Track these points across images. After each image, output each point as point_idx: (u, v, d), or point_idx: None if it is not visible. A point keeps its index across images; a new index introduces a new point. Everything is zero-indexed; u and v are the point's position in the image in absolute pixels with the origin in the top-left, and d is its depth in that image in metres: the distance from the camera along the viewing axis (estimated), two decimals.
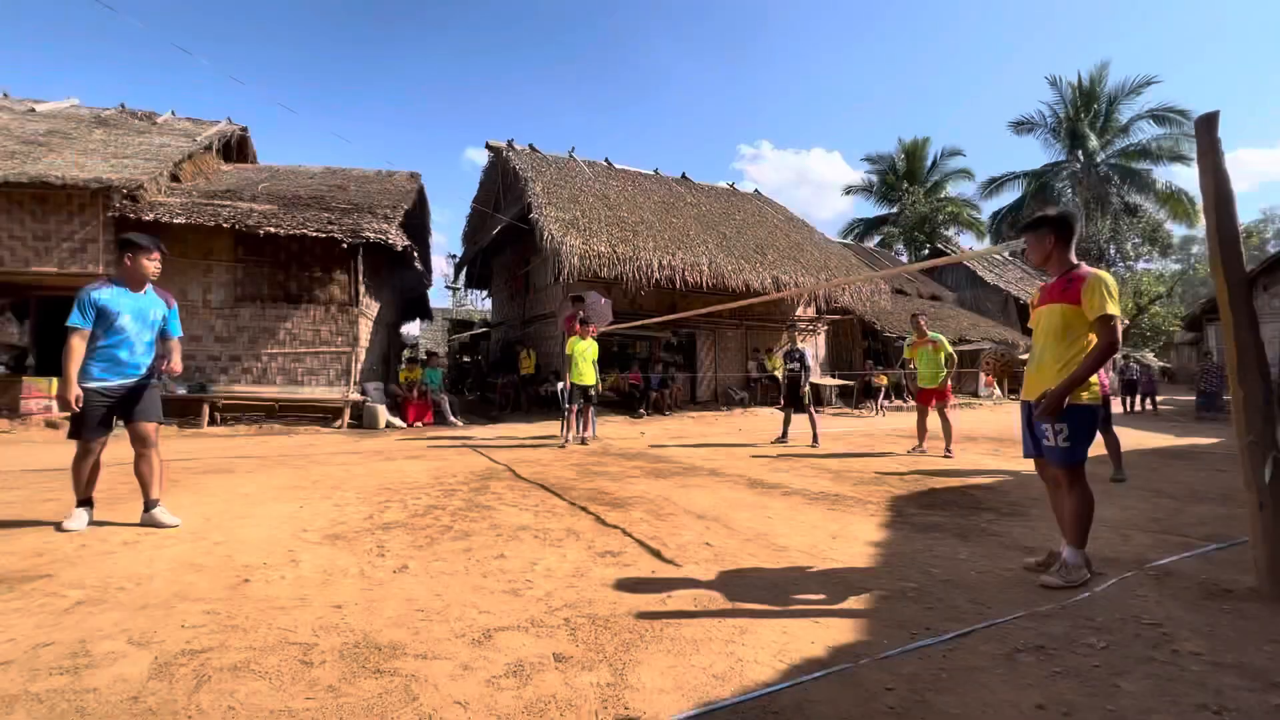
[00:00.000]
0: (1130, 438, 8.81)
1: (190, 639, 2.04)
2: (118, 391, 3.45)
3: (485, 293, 23.18)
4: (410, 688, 1.74)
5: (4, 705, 1.62)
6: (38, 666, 1.84)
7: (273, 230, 9.92)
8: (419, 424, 10.37)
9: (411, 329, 27.57)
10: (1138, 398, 14.80)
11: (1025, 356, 20.58)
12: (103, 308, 3.37)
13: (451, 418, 10.65)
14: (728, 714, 1.63)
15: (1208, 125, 2.60)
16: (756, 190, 19.22)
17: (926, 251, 30.45)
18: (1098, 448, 5.85)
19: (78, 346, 3.30)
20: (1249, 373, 2.51)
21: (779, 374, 15.05)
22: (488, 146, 15.32)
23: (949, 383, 7.11)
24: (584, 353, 7.86)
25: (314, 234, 10.13)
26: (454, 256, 30.62)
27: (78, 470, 3.43)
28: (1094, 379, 2.55)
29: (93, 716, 1.58)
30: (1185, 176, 28.16)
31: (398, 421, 10.27)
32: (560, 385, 9.19)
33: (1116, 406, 13.32)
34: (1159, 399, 15.07)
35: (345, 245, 10.43)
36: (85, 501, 3.49)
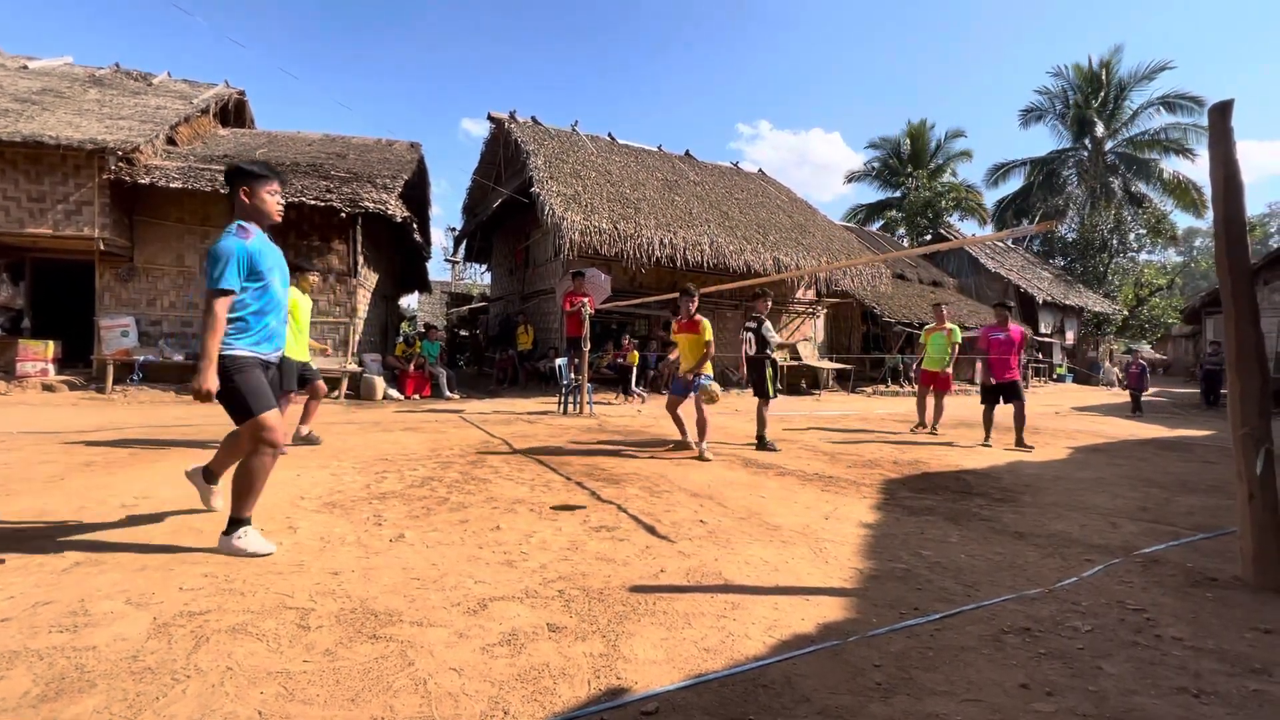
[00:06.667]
0: (1123, 428, 8.87)
1: (188, 601, 2.06)
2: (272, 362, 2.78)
3: (484, 267, 22.98)
4: (406, 653, 1.77)
5: (5, 661, 1.64)
6: (37, 624, 1.86)
7: None
8: (416, 396, 10.38)
9: (410, 301, 27.48)
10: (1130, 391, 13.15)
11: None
12: (254, 262, 2.60)
13: (449, 391, 10.65)
14: (718, 686, 1.66)
15: (1222, 113, 2.57)
16: (760, 170, 18.99)
17: (929, 237, 30.23)
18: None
19: (223, 315, 2.47)
20: (1247, 365, 2.52)
21: (777, 357, 15.10)
22: (490, 117, 15.05)
23: (949, 370, 7.57)
24: (302, 312, 5.13)
25: (312, 202, 10.01)
26: (453, 229, 30.34)
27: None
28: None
29: (93, 673, 1.60)
30: (1192, 167, 27.84)
31: (395, 393, 10.27)
32: (559, 361, 9.19)
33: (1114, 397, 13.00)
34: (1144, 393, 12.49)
35: (344, 214, 10.31)
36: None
